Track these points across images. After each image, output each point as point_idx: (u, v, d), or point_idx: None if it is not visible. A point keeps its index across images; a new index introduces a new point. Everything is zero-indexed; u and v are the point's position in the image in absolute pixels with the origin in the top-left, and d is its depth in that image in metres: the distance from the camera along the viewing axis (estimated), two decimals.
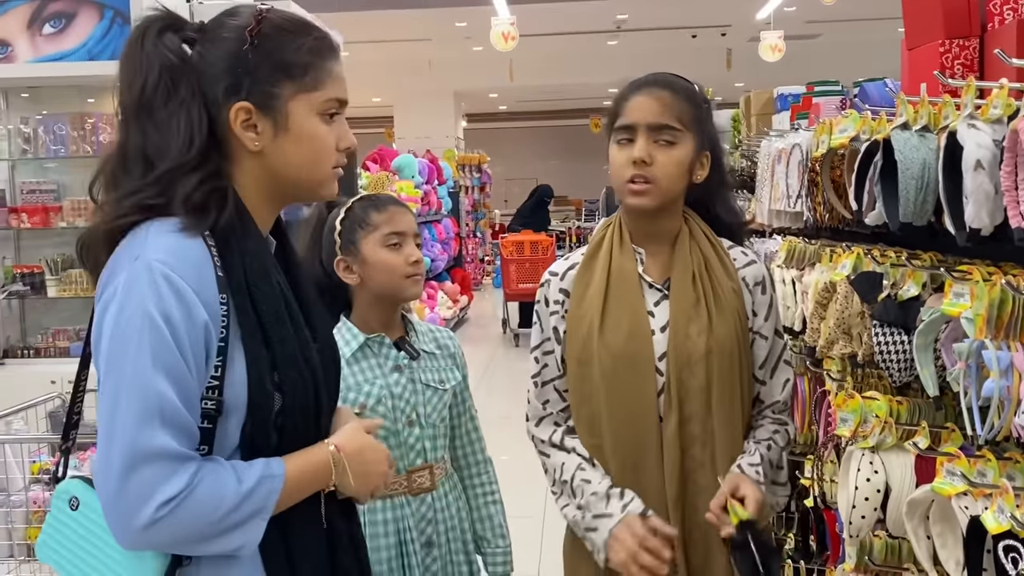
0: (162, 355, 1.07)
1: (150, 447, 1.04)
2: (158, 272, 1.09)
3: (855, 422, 1.61)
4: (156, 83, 1.16)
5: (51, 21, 4.17)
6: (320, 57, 1.22)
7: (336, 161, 1.25)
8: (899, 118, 1.44)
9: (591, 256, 1.69)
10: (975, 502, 1.30)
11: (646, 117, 1.59)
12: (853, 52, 12.69)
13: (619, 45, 13.37)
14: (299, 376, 1.18)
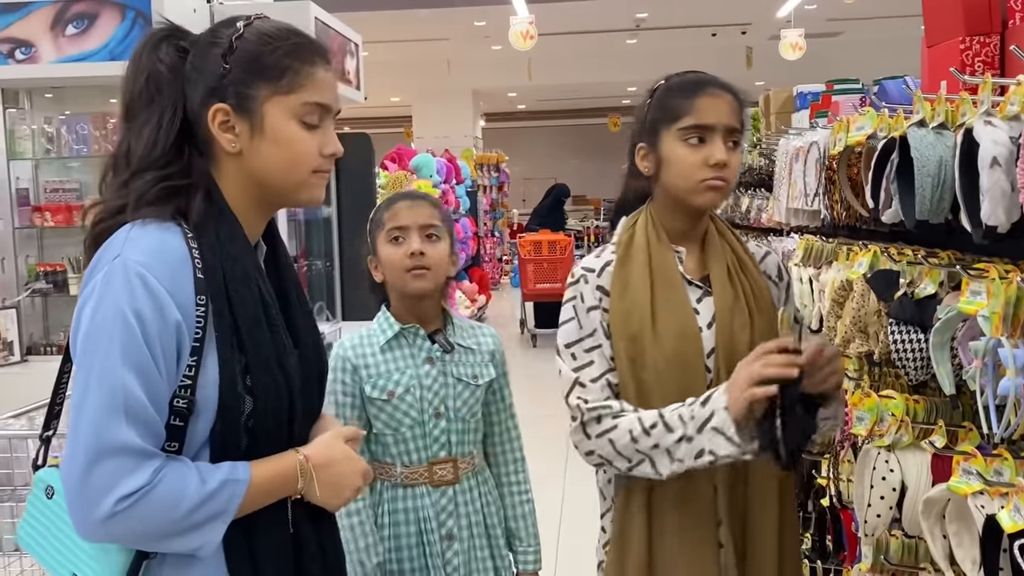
0: (131, 352, 1.10)
1: (114, 441, 1.07)
2: (133, 271, 1.12)
3: (871, 421, 1.61)
4: (140, 91, 1.22)
5: (74, 22, 4.22)
6: (298, 60, 1.23)
7: (318, 166, 1.25)
8: (916, 115, 1.43)
9: (625, 254, 1.65)
10: (991, 501, 1.29)
11: (723, 119, 1.57)
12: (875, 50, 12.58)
13: (638, 44, 13.35)
14: (272, 381, 1.20)
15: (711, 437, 1.43)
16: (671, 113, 1.59)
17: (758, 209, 3.62)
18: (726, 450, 1.42)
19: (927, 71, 2.39)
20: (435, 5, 9.59)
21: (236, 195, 1.24)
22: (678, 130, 1.58)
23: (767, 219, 3.26)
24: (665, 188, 1.62)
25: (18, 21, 4.20)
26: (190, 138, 1.23)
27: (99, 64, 4.17)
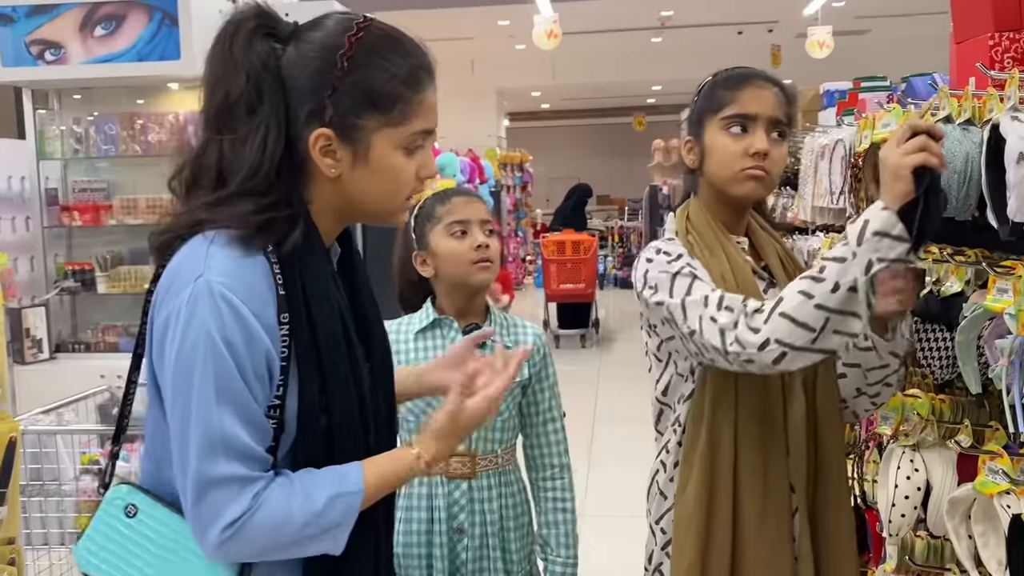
0: (225, 383, 1.07)
1: (213, 476, 1.07)
2: (218, 294, 1.07)
3: (896, 420, 1.59)
4: (240, 94, 1.11)
5: (102, 24, 4.27)
6: (412, 89, 1.14)
7: (413, 190, 1.20)
8: (942, 112, 1.41)
9: (697, 237, 1.59)
10: (1018, 500, 1.27)
11: (767, 110, 1.55)
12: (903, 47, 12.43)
13: (663, 42, 13.28)
14: (346, 399, 1.16)
15: (876, 243, 1.27)
16: (716, 103, 1.58)
17: (783, 208, 3.59)
18: (895, 250, 1.26)
19: (956, 67, 2.36)
20: (459, 4, 9.61)
21: (321, 209, 1.17)
22: (721, 119, 1.56)
23: (792, 217, 3.23)
24: (708, 179, 1.60)
25: (48, 23, 4.26)
26: (290, 156, 1.13)
27: (127, 64, 4.23)
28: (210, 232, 1.11)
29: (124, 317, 4.62)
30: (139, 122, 4.51)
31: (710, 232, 1.58)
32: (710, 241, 1.57)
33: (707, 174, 1.60)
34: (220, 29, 1.14)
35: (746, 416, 1.49)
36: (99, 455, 2.94)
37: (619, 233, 14.20)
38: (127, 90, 4.64)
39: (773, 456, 1.49)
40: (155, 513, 1.14)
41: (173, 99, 4.67)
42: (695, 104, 1.64)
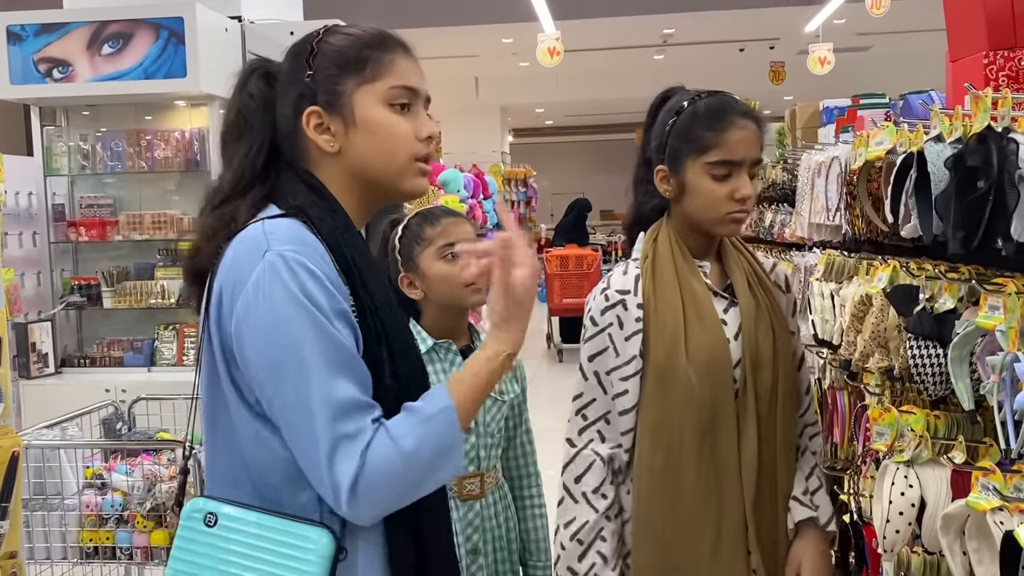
0: (329, 346, 1.10)
1: (342, 434, 1.09)
2: (293, 260, 1.12)
3: (891, 436, 1.60)
4: (231, 127, 1.27)
5: (109, 42, 4.32)
6: (378, 49, 1.24)
7: (416, 151, 1.24)
8: (933, 131, 1.43)
9: (653, 269, 1.67)
10: (1011, 517, 1.28)
11: (750, 153, 1.61)
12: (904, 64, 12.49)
13: (665, 59, 13.34)
14: (411, 365, 1.22)
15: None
16: (698, 144, 1.61)
17: (781, 224, 3.61)
18: None
19: (951, 85, 2.39)
20: (463, 22, 9.68)
21: (341, 195, 1.24)
22: (705, 163, 1.61)
23: (790, 234, 3.25)
24: (687, 214, 1.66)
25: (56, 41, 4.31)
26: (279, 156, 1.26)
27: (134, 82, 4.27)
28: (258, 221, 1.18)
29: (129, 332, 4.65)
30: (146, 139, 4.55)
31: (670, 266, 1.65)
32: (667, 277, 1.64)
33: (688, 210, 1.66)
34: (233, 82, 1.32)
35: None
36: (102, 469, 2.95)
37: (622, 247, 14.22)
38: (134, 107, 4.68)
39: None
40: (235, 515, 1.16)
41: (179, 116, 4.72)
42: (670, 134, 1.66)
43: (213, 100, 4.43)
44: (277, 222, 1.18)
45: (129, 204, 4.71)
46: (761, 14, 10.31)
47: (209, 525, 1.16)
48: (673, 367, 1.60)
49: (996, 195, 1.13)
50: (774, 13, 10.22)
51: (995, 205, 1.14)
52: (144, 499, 2.84)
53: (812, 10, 9.89)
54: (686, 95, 1.72)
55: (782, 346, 1.64)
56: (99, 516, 2.82)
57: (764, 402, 1.63)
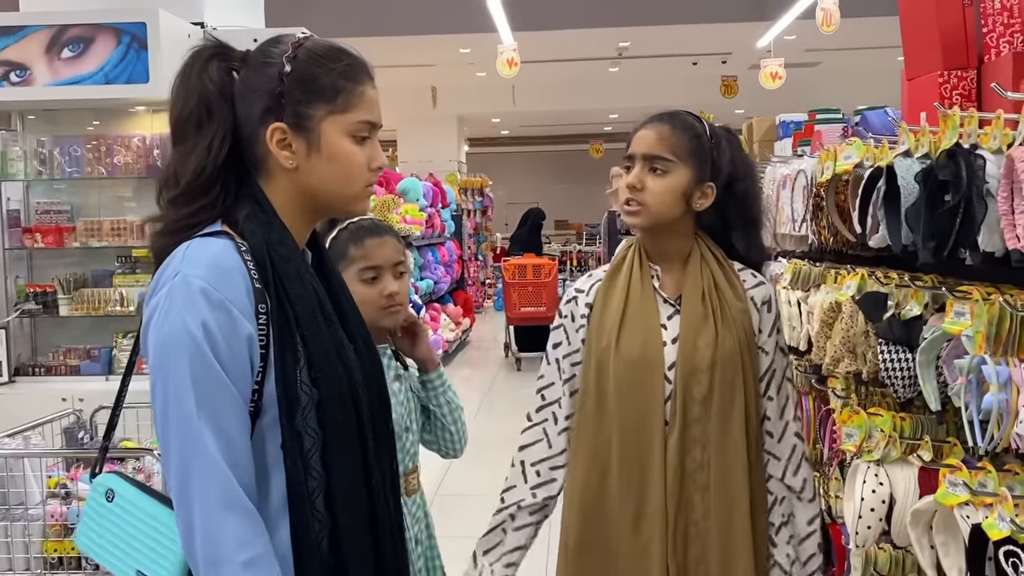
0: (202, 379, 1.15)
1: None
2: (196, 287, 1.17)
3: (860, 437, 1.67)
4: (191, 112, 1.25)
5: (69, 46, 4.26)
6: (352, 81, 1.28)
7: (367, 180, 1.31)
8: (901, 146, 1.51)
9: (613, 272, 1.82)
10: (976, 511, 1.36)
11: (641, 148, 1.76)
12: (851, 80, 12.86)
13: (620, 72, 13.52)
14: (334, 372, 1.24)
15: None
16: (626, 146, 1.81)
17: None
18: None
19: (907, 102, 2.49)
20: (421, 32, 9.71)
21: (284, 205, 1.29)
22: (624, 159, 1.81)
23: None
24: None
25: (14, 44, 4.23)
26: (238, 154, 1.27)
27: (95, 87, 4.21)
28: (188, 241, 1.23)
29: (86, 340, 4.57)
30: (105, 144, 4.49)
31: (627, 271, 1.80)
32: (621, 281, 1.79)
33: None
34: (183, 60, 1.29)
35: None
36: (66, 479, 2.91)
37: (577, 257, 14.34)
38: (94, 112, 4.62)
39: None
40: (127, 495, 1.29)
41: (141, 122, 4.66)
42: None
43: None
44: (203, 243, 1.22)
45: (87, 210, 4.63)
46: (714, 29, 10.53)
47: (108, 500, 1.30)
48: (606, 359, 1.74)
49: (965, 208, 1.21)
50: (727, 29, 10.45)
51: (964, 217, 1.21)
52: None
53: (764, 26, 10.13)
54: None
55: (724, 358, 1.70)
56: (64, 526, 2.77)
57: (696, 406, 1.70)
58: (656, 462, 1.70)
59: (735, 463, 1.69)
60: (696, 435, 1.70)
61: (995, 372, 1.21)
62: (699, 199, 1.74)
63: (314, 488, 1.22)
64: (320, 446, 1.22)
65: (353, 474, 1.27)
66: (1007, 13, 2.29)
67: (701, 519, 1.70)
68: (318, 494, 1.22)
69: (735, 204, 1.76)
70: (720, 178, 1.74)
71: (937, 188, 1.34)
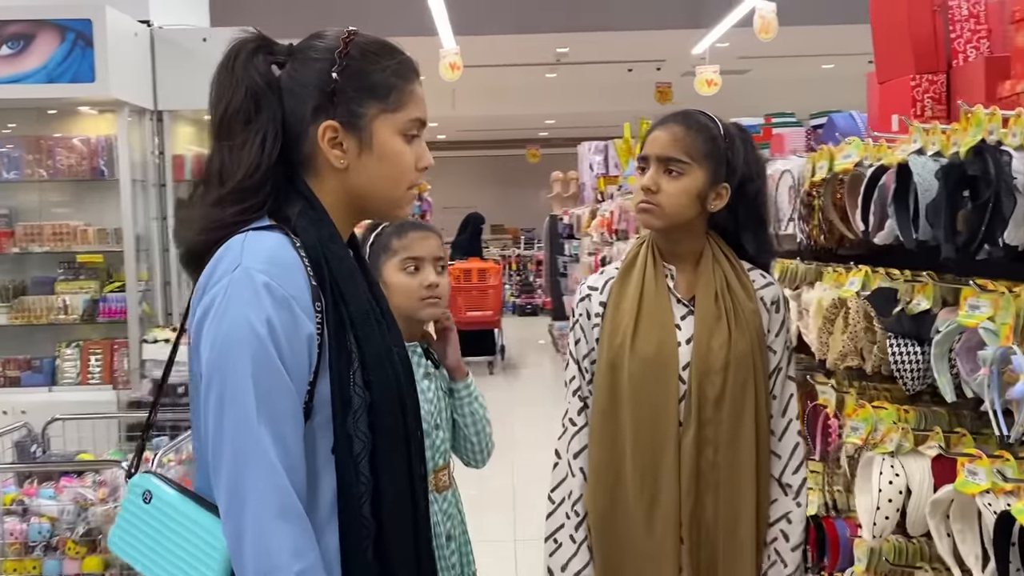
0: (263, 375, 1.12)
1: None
2: (259, 281, 1.14)
3: (866, 430, 1.71)
4: (239, 106, 1.21)
5: (8, 43, 4.09)
6: (403, 79, 1.26)
7: (413, 180, 1.30)
8: (913, 144, 1.55)
9: (626, 271, 1.81)
10: (997, 499, 1.40)
11: (655, 149, 1.76)
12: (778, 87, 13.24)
13: (558, 78, 13.61)
14: (386, 375, 1.22)
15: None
16: (640, 147, 1.82)
17: None
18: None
19: (878, 105, 2.56)
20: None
21: (331, 205, 1.26)
22: (638, 160, 1.81)
23: None
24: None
25: None
26: (288, 151, 1.24)
27: (37, 86, 4.05)
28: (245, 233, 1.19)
29: (27, 350, 4.39)
30: (47, 145, 4.32)
31: (640, 271, 1.79)
32: (634, 280, 1.79)
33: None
34: (225, 52, 1.25)
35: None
36: (22, 495, 2.77)
37: (516, 261, 14.38)
38: (36, 112, 4.44)
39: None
40: (166, 497, 1.24)
41: (84, 122, 4.50)
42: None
43: (122, 106, 4.26)
44: (260, 236, 1.19)
45: (27, 214, 4.45)
46: (651, 36, 10.70)
47: (146, 501, 1.25)
48: (621, 357, 1.73)
49: (994, 203, 1.24)
50: (663, 36, 10.62)
51: (992, 212, 1.25)
52: (75, 524, 2.69)
53: (699, 33, 10.33)
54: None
55: (737, 359, 1.72)
56: (24, 544, 2.64)
57: (710, 407, 1.71)
58: (670, 462, 1.71)
59: (745, 463, 1.71)
60: (709, 435, 1.71)
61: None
62: (714, 200, 1.75)
63: (362, 492, 1.19)
64: (369, 450, 1.20)
65: (400, 479, 1.25)
66: (974, 20, 2.39)
67: (711, 518, 1.72)
68: (365, 499, 1.20)
69: (747, 204, 1.78)
70: (734, 178, 1.75)
71: (956, 185, 1.38)
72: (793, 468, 1.77)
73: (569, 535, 1.79)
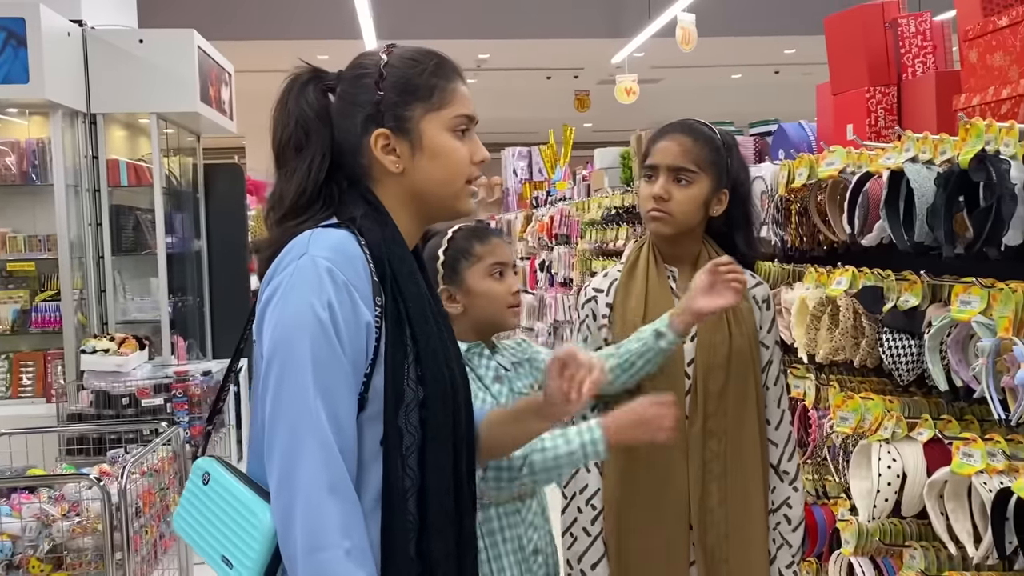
0: (322, 357, 1.16)
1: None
2: (323, 267, 1.19)
3: (856, 420, 1.83)
4: (289, 137, 1.31)
5: None
6: (443, 78, 1.32)
7: (470, 174, 1.34)
8: (906, 152, 1.67)
9: (629, 273, 1.89)
10: (991, 478, 1.53)
11: (666, 159, 1.84)
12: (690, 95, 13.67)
13: (479, 83, 13.67)
14: (440, 371, 1.27)
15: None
16: (643, 156, 1.90)
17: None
18: None
19: (832, 116, 2.72)
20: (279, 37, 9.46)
21: (394, 210, 1.32)
22: (643, 168, 1.88)
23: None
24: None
25: None
26: (340, 169, 1.31)
27: None
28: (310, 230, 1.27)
29: None
30: None
31: (643, 272, 1.87)
32: (638, 281, 1.86)
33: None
34: (281, 88, 1.35)
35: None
36: None
37: None
38: None
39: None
40: (220, 479, 1.28)
41: (13, 125, 4.32)
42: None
43: (56, 108, 4.11)
44: (327, 231, 1.26)
45: None
46: (571, 44, 10.89)
47: (204, 483, 1.31)
48: None
49: (997, 207, 1.36)
50: (582, 44, 10.83)
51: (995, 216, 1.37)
52: (37, 541, 2.59)
53: (617, 43, 10.58)
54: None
55: (738, 355, 1.82)
56: None
57: (713, 400, 1.82)
58: (678, 454, 1.79)
59: (749, 453, 1.81)
60: (713, 427, 1.80)
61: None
62: (715, 205, 1.85)
63: (408, 487, 1.23)
64: (419, 445, 1.24)
65: (446, 477, 1.27)
66: (921, 36, 2.57)
67: (717, 506, 1.81)
68: (411, 493, 1.23)
69: (739, 206, 1.88)
70: (731, 183, 1.85)
71: (954, 191, 1.50)
72: (788, 455, 1.88)
73: (583, 528, 1.85)
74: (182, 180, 5.37)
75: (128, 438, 3.45)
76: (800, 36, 9.84)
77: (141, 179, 4.71)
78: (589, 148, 6.89)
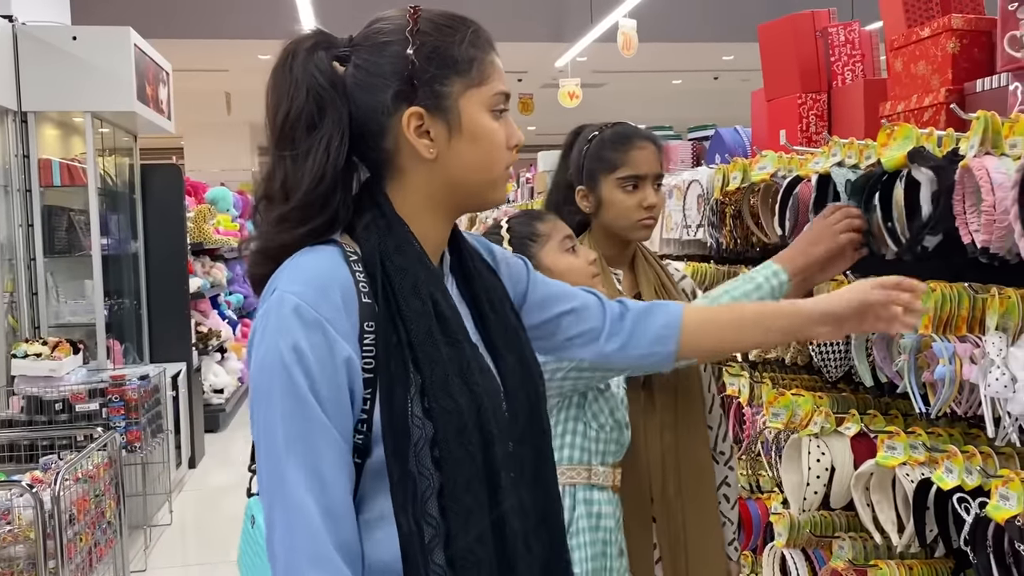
0: (296, 416, 1.01)
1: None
2: (289, 306, 1.03)
3: (787, 416, 1.89)
4: (301, 110, 1.08)
5: None
6: (481, 50, 1.13)
7: (508, 160, 1.16)
8: (833, 157, 1.73)
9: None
10: (913, 470, 1.59)
11: (653, 168, 1.86)
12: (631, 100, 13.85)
13: None
14: (453, 403, 1.06)
15: None
16: (608, 164, 1.86)
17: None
18: None
19: (767, 121, 2.80)
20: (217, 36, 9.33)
21: (417, 205, 1.14)
22: (616, 179, 1.85)
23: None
24: (604, 224, 1.89)
25: None
26: (362, 154, 1.13)
27: None
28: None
29: None
30: None
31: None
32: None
33: (604, 221, 1.89)
34: (279, 53, 1.13)
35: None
36: None
37: None
38: None
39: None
40: (261, 524, 1.12)
41: None
42: (585, 159, 1.90)
43: None
44: (308, 254, 1.09)
45: None
46: (513, 48, 10.94)
47: (252, 525, 1.20)
48: None
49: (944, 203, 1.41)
50: (527, 48, 10.89)
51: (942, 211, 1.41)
52: None
53: (561, 47, 10.67)
54: (594, 127, 1.95)
55: None
56: None
57: (664, 393, 1.85)
58: (640, 448, 1.80)
59: (698, 441, 1.85)
60: (668, 420, 1.83)
61: (943, 348, 1.44)
62: None
63: (431, 538, 1.04)
64: (436, 489, 1.05)
65: (476, 521, 1.06)
66: (850, 45, 2.66)
67: (674, 497, 1.83)
68: (436, 545, 1.04)
69: None
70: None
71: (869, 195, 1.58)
72: (722, 436, 1.94)
73: None
74: (118, 180, 5.27)
75: (62, 444, 3.38)
76: (738, 43, 10.05)
77: (75, 179, 4.61)
78: (533, 151, 6.95)
